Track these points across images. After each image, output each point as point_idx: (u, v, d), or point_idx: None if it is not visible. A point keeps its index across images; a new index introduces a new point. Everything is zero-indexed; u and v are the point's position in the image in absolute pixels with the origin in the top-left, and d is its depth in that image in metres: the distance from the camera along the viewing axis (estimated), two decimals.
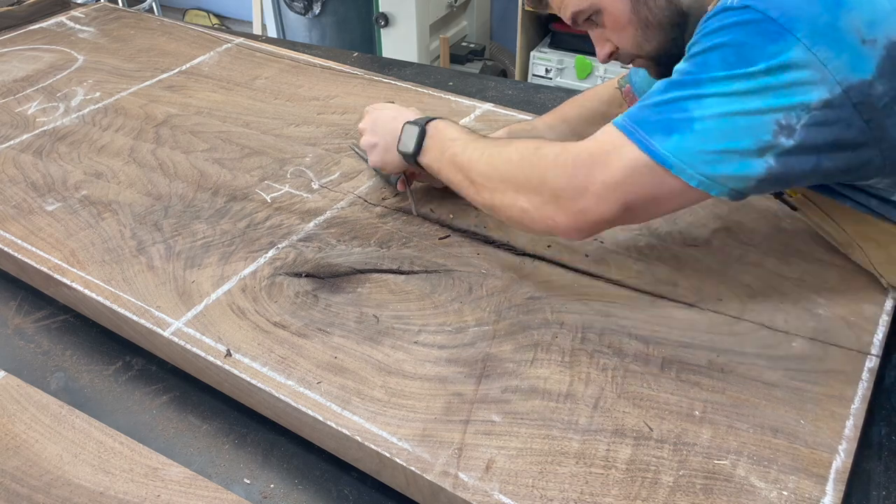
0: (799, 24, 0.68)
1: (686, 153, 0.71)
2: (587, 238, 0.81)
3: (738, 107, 0.70)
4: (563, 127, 1.12)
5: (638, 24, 0.83)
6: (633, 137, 0.73)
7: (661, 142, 0.72)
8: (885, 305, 0.88)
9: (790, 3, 0.68)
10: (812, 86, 0.68)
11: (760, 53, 0.69)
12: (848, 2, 0.68)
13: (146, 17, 1.80)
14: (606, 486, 0.70)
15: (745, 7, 0.70)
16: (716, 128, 0.70)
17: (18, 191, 1.14)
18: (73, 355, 0.95)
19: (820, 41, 0.68)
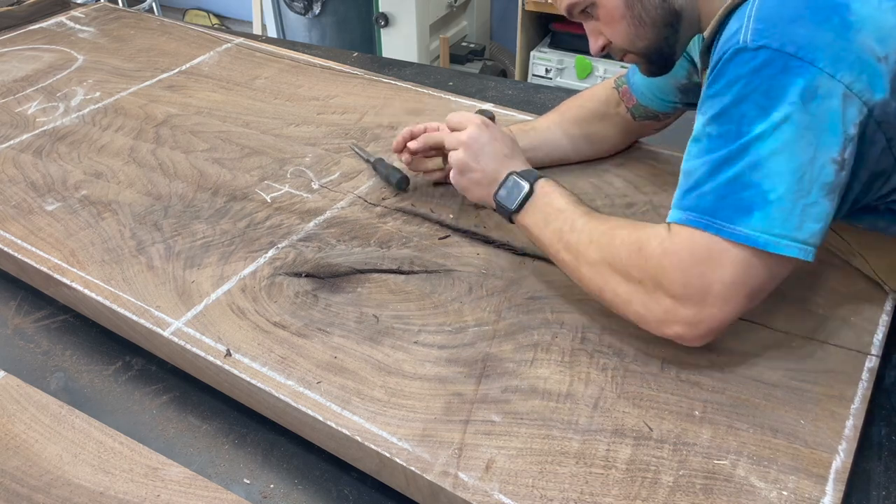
0: (818, 53, 0.67)
1: (774, 226, 0.70)
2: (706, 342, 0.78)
3: (797, 160, 0.69)
4: (562, 127, 1.12)
5: (631, 20, 0.83)
6: (714, 230, 0.71)
7: (745, 225, 0.70)
8: (885, 305, 0.88)
9: (802, 35, 0.68)
10: (846, 111, 0.68)
11: (792, 86, 0.68)
12: (855, 23, 0.68)
13: (146, 17, 1.80)
14: (606, 486, 0.70)
15: (760, 48, 0.69)
16: (790, 190, 0.69)
17: (18, 191, 1.14)
18: (72, 355, 0.95)
19: (842, 66, 0.68)
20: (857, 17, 0.68)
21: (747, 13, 0.72)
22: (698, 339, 0.76)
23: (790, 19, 0.69)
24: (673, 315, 0.75)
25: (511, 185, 0.89)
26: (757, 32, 0.70)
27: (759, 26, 0.70)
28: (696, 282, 0.73)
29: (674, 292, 0.74)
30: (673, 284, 0.74)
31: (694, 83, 1.00)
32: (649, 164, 1.15)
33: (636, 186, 1.10)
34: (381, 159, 1.15)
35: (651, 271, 0.75)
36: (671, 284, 0.74)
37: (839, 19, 0.68)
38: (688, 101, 1.04)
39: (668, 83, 1.03)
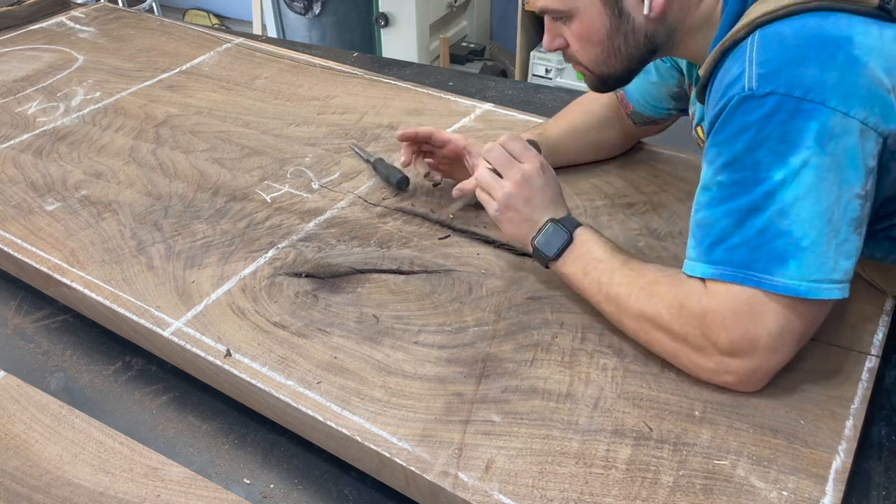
0: (828, 94, 0.67)
1: (811, 273, 0.69)
2: None
3: (824, 203, 0.68)
4: (573, 136, 1.11)
5: (606, 48, 0.82)
6: (752, 283, 0.71)
7: (782, 274, 0.70)
8: (885, 305, 0.88)
9: (810, 77, 0.67)
10: (864, 146, 0.68)
11: (806, 131, 0.67)
12: (860, 57, 0.67)
13: (146, 17, 1.80)
14: (606, 486, 0.70)
15: (768, 94, 0.68)
16: (821, 234, 0.69)
17: (18, 191, 1.14)
18: (72, 355, 0.95)
19: (854, 103, 0.67)
20: (861, 51, 0.67)
21: (747, 56, 0.70)
22: (752, 387, 0.77)
23: (795, 61, 0.67)
24: (725, 367, 0.75)
25: (550, 233, 0.86)
26: (762, 78, 0.68)
27: (763, 71, 0.68)
28: (742, 336, 0.72)
29: (721, 348, 0.74)
30: (720, 341, 0.74)
31: (684, 90, 1.00)
32: (649, 164, 1.15)
33: (636, 186, 1.10)
34: (381, 159, 1.15)
35: (695, 330, 0.75)
36: (717, 340, 0.74)
37: (844, 55, 0.67)
38: (681, 108, 1.04)
39: (661, 91, 1.03)
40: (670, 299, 0.77)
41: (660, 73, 1.01)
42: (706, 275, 0.74)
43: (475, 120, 1.29)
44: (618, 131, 1.12)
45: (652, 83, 1.03)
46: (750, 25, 0.71)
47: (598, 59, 0.83)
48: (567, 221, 0.87)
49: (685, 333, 0.76)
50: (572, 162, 1.13)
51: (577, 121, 1.12)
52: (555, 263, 0.87)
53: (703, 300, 0.74)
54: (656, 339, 0.79)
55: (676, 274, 0.80)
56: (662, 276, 0.80)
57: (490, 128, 1.26)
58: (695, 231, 0.76)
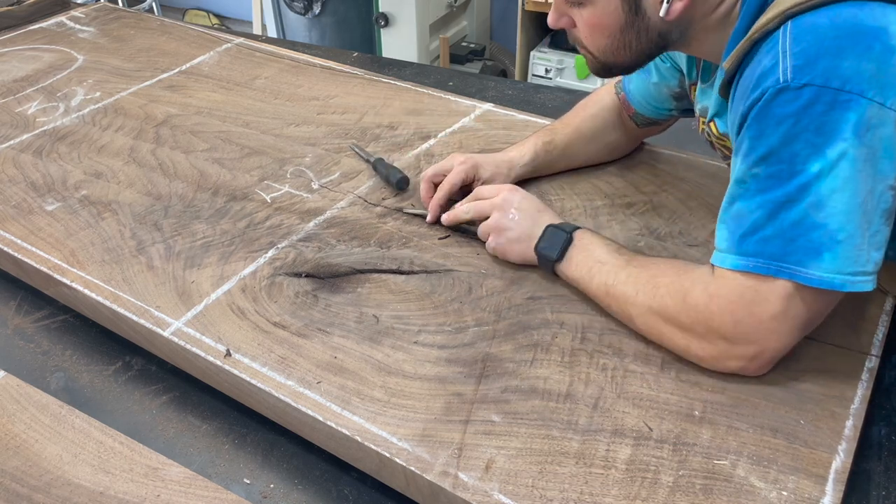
0: (865, 84, 0.66)
1: (846, 266, 0.69)
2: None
3: (860, 196, 0.68)
4: (581, 142, 1.11)
5: (616, 42, 0.81)
6: (785, 275, 0.71)
7: (817, 267, 0.70)
8: (885, 305, 0.88)
9: (848, 68, 0.66)
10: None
11: (845, 126, 0.67)
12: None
13: (146, 17, 1.80)
14: (606, 486, 0.70)
15: (805, 86, 0.67)
16: (857, 227, 0.68)
17: (18, 191, 1.14)
18: (72, 355, 0.95)
19: (890, 93, 0.67)
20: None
21: (781, 48, 0.69)
22: (756, 371, 0.78)
23: (831, 52, 0.67)
24: (729, 353, 0.76)
25: (550, 236, 0.89)
26: (797, 69, 0.67)
27: (799, 62, 0.68)
28: (747, 322, 0.73)
29: (725, 333, 0.75)
30: (724, 326, 0.74)
31: (685, 90, 1.00)
32: (649, 164, 1.15)
33: (636, 186, 1.10)
34: (381, 159, 1.15)
35: (699, 317, 0.75)
36: (722, 326, 0.74)
37: (881, 46, 0.66)
38: (683, 108, 1.04)
39: (663, 92, 1.03)
40: (675, 290, 0.78)
41: (660, 73, 1.01)
42: (737, 266, 0.73)
43: (475, 120, 1.29)
44: (622, 134, 1.12)
45: (653, 84, 1.03)
46: (781, 16, 0.70)
47: (607, 50, 0.83)
48: (565, 224, 0.90)
49: (691, 323, 0.76)
50: (580, 165, 1.13)
51: (583, 127, 1.12)
52: (559, 266, 0.88)
53: (709, 287, 0.75)
54: (665, 334, 0.80)
55: (681, 265, 0.80)
56: (667, 267, 0.81)
57: (490, 128, 1.26)
58: (728, 223, 0.75)
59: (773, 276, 0.71)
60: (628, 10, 0.78)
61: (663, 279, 0.79)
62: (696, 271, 0.78)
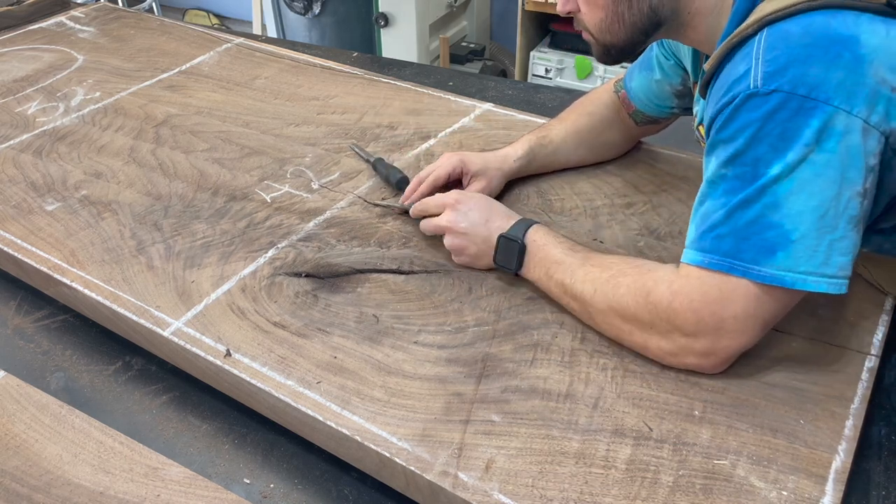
0: (832, 92, 0.67)
1: (799, 264, 0.70)
2: None
3: (818, 198, 0.69)
4: (576, 138, 1.11)
5: (611, 14, 0.82)
6: (738, 272, 0.72)
7: (769, 265, 0.71)
8: (885, 305, 0.88)
9: (816, 76, 0.67)
10: (866, 144, 0.68)
11: (806, 128, 0.68)
12: (866, 55, 0.68)
13: (146, 17, 1.80)
14: (606, 486, 0.70)
15: (773, 92, 0.68)
16: (812, 228, 0.69)
17: (18, 191, 1.14)
18: (72, 355, 0.95)
19: (857, 101, 0.67)
20: (867, 50, 0.67)
21: (754, 54, 0.70)
22: (713, 368, 0.79)
23: (801, 60, 0.68)
24: (689, 349, 0.77)
25: (503, 248, 0.90)
26: (767, 76, 0.69)
27: (769, 69, 0.69)
28: (709, 318, 0.74)
29: (686, 330, 0.76)
30: (686, 323, 0.75)
31: (688, 88, 1.00)
32: (649, 163, 1.15)
33: (636, 186, 1.10)
34: (380, 159, 1.15)
35: (662, 315, 0.76)
36: (684, 323, 0.75)
37: (850, 55, 0.67)
38: (684, 106, 1.04)
39: (664, 89, 1.03)
40: (637, 288, 0.78)
41: (664, 70, 1.01)
42: (694, 261, 0.75)
43: (475, 120, 1.29)
44: (619, 132, 1.12)
45: (655, 81, 1.03)
46: (759, 23, 0.72)
47: (602, 25, 0.84)
48: (515, 230, 0.90)
49: (651, 321, 0.77)
50: (574, 164, 1.13)
51: (579, 123, 1.12)
52: (521, 273, 0.90)
53: (673, 285, 0.76)
54: (625, 333, 0.81)
55: (643, 263, 0.81)
56: (628, 267, 0.82)
57: (490, 128, 1.26)
58: (695, 220, 0.77)
59: (734, 276, 0.72)
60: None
61: (624, 279, 0.80)
62: (659, 270, 0.79)
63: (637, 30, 0.83)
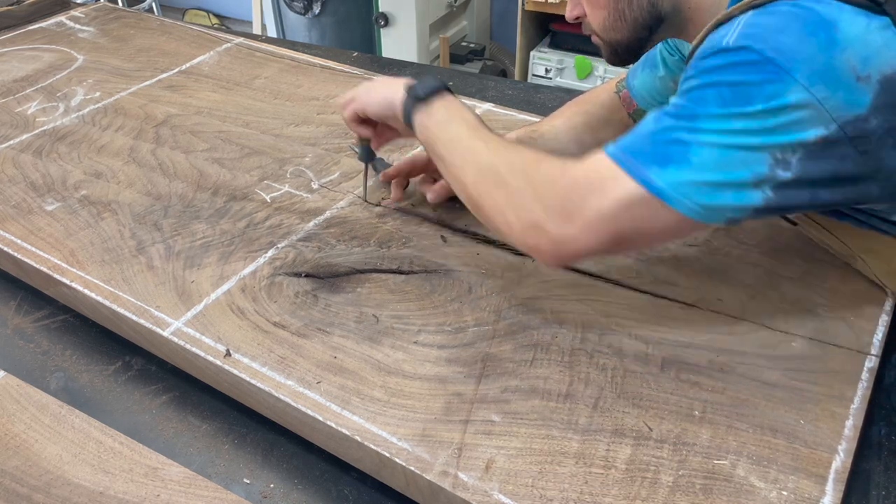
0: (797, 65, 0.68)
1: (683, 185, 0.70)
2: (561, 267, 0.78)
3: (734, 141, 0.69)
4: (570, 134, 1.11)
5: (612, 12, 0.84)
6: (628, 168, 0.72)
7: (658, 174, 0.71)
8: (885, 305, 0.88)
9: (787, 44, 0.68)
10: (809, 124, 0.68)
11: (758, 93, 0.68)
12: (841, 41, 0.68)
13: (146, 17, 1.80)
14: (606, 486, 0.70)
15: (742, 48, 0.69)
16: (712, 160, 0.70)
17: (18, 190, 1.14)
18: (72, 355, 0.95)
19: (818, 81, 0.68)
20: (843, 36, 0.68)
21: (735, 23, 0.72)
22: (552, 259, 0.78)
23: (778, 29, 0.69)
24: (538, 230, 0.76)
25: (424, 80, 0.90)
26: (741, 36, 0.70)
27: (746, 31, 0.70)
28: (574, 200, 0.74)
29: (547, 205, 0.75)
30: (550, 198, 0.75)
31: None
32: None
33: None
34: (380, 159, 1.15)
35: (536, 183, 0.76)
36: (548, 198, 0.75)
37: (825, 35, 0.68)
38: None
39: (669, 86, 1.03)
40: (532, 157, 0.79)
41: (667, 66, 1.02)
42: (606, 149, 0.75)
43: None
44: (616, 132, 1.12)
45: (659, 77, 1.03)
46: (747, 5, 0.73)
47: (606, 24, 0.85)
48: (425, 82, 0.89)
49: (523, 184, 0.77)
50: None
51: (573, 120, 1.12)
52: (420, 109, 0.88)
53: (567, 164, 0.76)
54: (491, 192, 0.80)
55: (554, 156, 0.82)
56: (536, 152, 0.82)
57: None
58: None
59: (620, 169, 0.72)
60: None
61: (523, 149, 0.82)
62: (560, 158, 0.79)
63: (639, 25, 0.84)
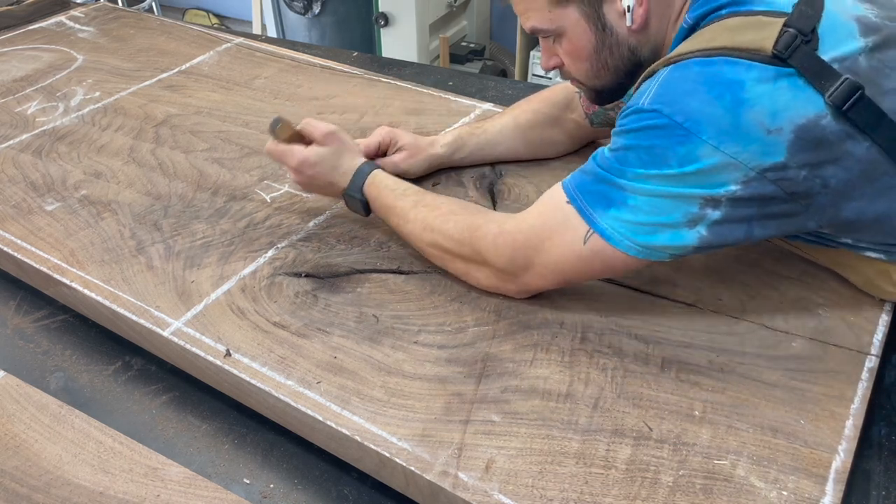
0: (703, 126, 0.73)
1: (622, 227, 0.77)
2: None
3: (661, 190, 0.75)
4: (515, 132, 1.13)
5: (595, 63, 0.87)
6: (578, 208, 0.79)
7: (601, 215, 0.78)
8: (885, 305, 0.88)
9: (693, 108, 0.73)
10: (728, 177, 0.74)
11: (672, 155, 0.74)
12: (748, 100, 0.72)
13: (146, 17, 1.80)
14: (606, 486, 0.70)
15: (654, 111, 0.75)
16: (646, 205, 0.76)
17: (18, 190, 1.14)
18: (72, 355, 0.95)
19: (726, 139, 0.72)
20: (750, 95, 0.72)
21: (656, 78, 0.77)
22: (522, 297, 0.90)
23: (686, 92, 0.74)
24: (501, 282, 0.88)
25: (350, 203, 1.01)
26: (655, 97, 0.76)
27: (660, 92, 0.76)
28: (521, 258, 0.84)
29: (499, 266, 0.86)
30: (500, 260, 0.85)
31: None
32: None
33: None
34: None
35: (480, 248, 0.87)
36: (498, 260, 0.86)
37: (731, 97, 0.72)
38: None
39: None
40: (465, 225, 0.88)
41: None
42: (564, 185, 0.82)
43: (475, 120, 1.28)
44: (563, 131, 1.14)
45: None
46: (666, 62, 0.78)
47: (589, 74, 0.89)
48: (353, 187, 0.99)
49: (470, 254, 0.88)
50: (510, 157, 1.16)
51: (520, 118, 1.14)
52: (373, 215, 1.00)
53: (504, 224, 0.85)
54: (448, 262, 0.92)
55: (478, 208, 0.94)
56: (459, 207, 0.92)
57: None
58: None
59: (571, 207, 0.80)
60: (596, 29, 0.84)
61: (454, 216, 0.90)
62: (491, 213, 0.92)
63: (621, 72, 0.88)
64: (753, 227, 0.77)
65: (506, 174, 1.13)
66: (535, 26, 0.86)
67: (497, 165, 1.14)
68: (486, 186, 1.11)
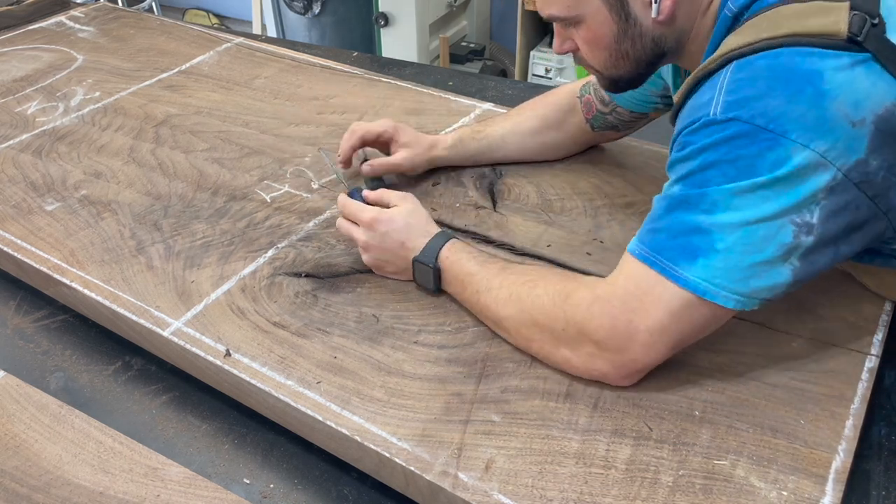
0: (790, 126, 0.67)
1: (716, 276, 0.70)
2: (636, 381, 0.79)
3: (752, 215, 0.69)
4: (517, 138, 1.13)
5: (615, 52, 0.82)
6: (660, 269, 0.72)
7: (688, 269, 0.70)
8: (885, 306, 0.88)
9: (774, 107, 0.67)
10: (817, 179, 0.68)
11: (762, 163, 0.68)
12: (830, 91, 0.67)
13: (146, 17, 1.80)
14: (606, 487, 0.70)
15: (730, 120, 0.69)
16: (738, 243, 0.69)
17: (18, 190, 1.14)
18: (72, 355, 0.95)
19: (815, 136, 0.67)
20: (831, 86, 0.67)
21: (719, 84, 0.71)
22: (623, 381, 0.78)
23: (763, 93, 0.68)
24: (600, 360, 0.76)
25: (420, 273, 0.91)
26: (727, 105, 0.69)
27: (730, 99, 0.69)
28: (622, 326, 0.74)
29: (597, 338, 0.75)
30: (599, 330, 0.75)
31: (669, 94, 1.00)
32: (650, 164, 1.15)
33: (636, 186, 1.10)
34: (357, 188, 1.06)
35: (577, 319, 0.76)
36: (597, 330, 0.75)
37: (813, 89, 0.67)
38: (667, 103, 1.04)
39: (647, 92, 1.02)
40: (556, 291, 0.79)
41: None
42: (629, 249, 0.75)
43: (475, 120, 1.28)
44: (565, 134, 1.13)
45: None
46: (723, 57, 0.72)
47: (608, 63, 0.84)
48: (427, 252, 0.90)
49: (564, 327, 0.77)
50: (512, 160, 1.15)
51: (523, 125, 1.13)
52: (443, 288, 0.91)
53: (597, 289, 0.76)
54: (534, 341, 0.81)
55: (566, 272, 0.86)
56: (549, 273, 0.84)
57: None
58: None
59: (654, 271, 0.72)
60: (619, 18, 0.79)
61: (543, 282, 0.80)
62: (583, 278, 0.80)
63: (642, 63, 0.83)
64: (841, 247, 0.72)
65: (506, 174, 1.13)
66: (552, 14, 0.81)
67: (497, 165, 1.15)
68: (486, 186, 1.11)
